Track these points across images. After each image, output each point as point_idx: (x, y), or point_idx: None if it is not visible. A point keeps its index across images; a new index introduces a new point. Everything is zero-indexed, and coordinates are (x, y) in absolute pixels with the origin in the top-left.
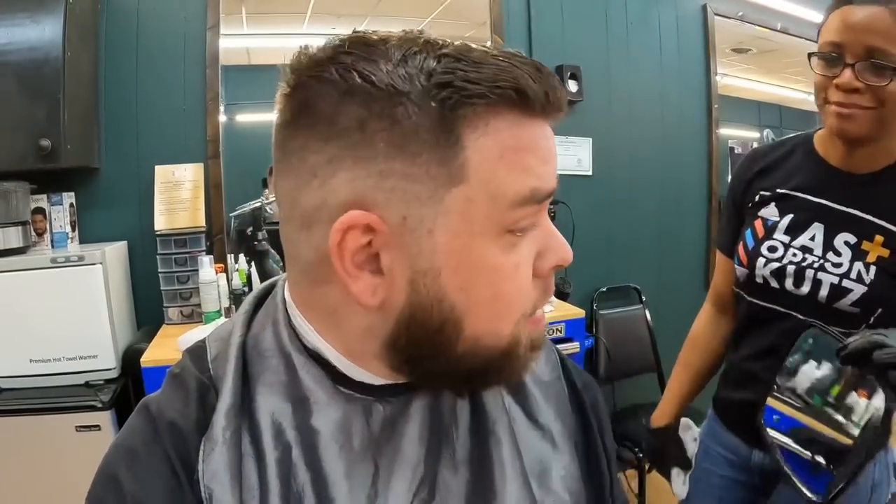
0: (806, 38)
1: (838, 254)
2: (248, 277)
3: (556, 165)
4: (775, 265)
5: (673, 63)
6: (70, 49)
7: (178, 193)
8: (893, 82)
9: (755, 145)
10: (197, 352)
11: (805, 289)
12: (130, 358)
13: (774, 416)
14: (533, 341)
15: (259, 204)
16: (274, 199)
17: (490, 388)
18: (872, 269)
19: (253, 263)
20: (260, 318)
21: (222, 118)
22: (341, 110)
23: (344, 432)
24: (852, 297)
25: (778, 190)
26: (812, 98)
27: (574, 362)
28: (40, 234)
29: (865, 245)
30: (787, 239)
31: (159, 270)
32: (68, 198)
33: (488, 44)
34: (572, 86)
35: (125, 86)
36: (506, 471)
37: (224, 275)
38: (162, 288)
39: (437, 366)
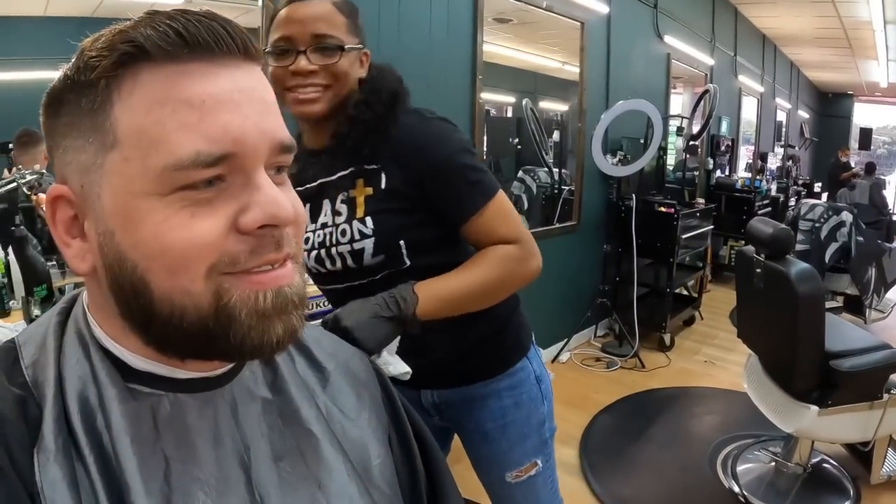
0: (562, 16)
1: (339, 214)
2: (7, 268)
3: (241, 118)
4: (314, 253)
5: (442, 30)
6: None
7: None
8: (342, 59)
9: (509, 112)
10: (6, 354)
11: (339, 265)
12: None
13: None
14: (258, 305)
15: (13, 182)
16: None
17: (237, 360)
18: (368, 219)
19: (11, 251)
20: (68, 321)
21: None
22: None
23: (134, 428)
24: (368, 250)
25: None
26: (566, 68)
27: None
28: None
29: (354, 192)
30: (312, 227)
31: None
32: None
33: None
34: None
35: None
36: (332, 468)
37: None
38: None
39: (165, 332)
